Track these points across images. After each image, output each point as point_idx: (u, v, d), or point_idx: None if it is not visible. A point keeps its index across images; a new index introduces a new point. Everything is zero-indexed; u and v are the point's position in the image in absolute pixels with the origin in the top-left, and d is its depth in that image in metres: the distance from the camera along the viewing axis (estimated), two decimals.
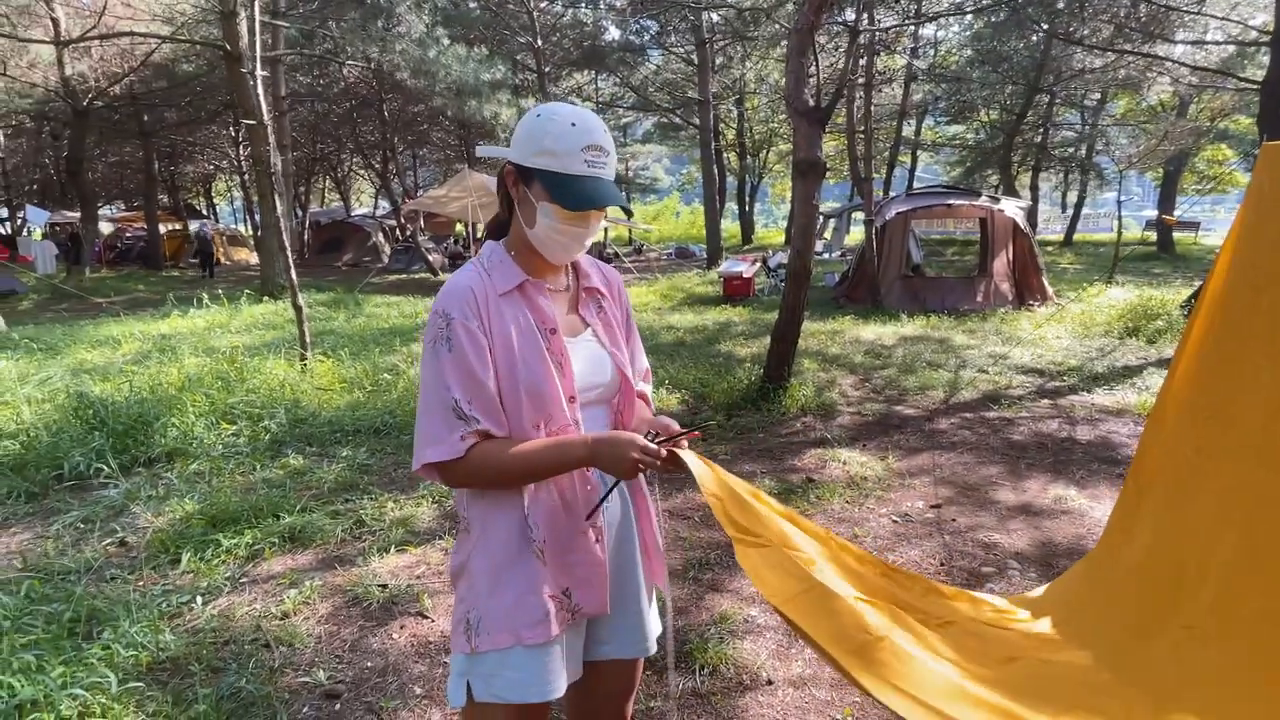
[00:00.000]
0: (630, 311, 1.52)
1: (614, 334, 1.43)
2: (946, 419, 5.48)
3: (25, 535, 3.57)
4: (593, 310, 1.42)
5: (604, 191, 1.26)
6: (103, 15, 18.67)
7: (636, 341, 1.52)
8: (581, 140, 1.23)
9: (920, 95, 22.58)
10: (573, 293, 1.42)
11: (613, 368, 1.39)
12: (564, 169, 1.24)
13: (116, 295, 14.65)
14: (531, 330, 1.30)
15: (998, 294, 10.56)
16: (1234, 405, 1.47)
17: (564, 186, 1.24)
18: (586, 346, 1.39)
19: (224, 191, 39.78)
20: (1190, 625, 1.37)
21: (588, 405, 1.38)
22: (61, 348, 7.99)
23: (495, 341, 1.27)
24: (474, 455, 1.23)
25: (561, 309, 1.38)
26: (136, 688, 2.24)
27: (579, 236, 1.31)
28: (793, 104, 5.57)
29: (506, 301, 1.30)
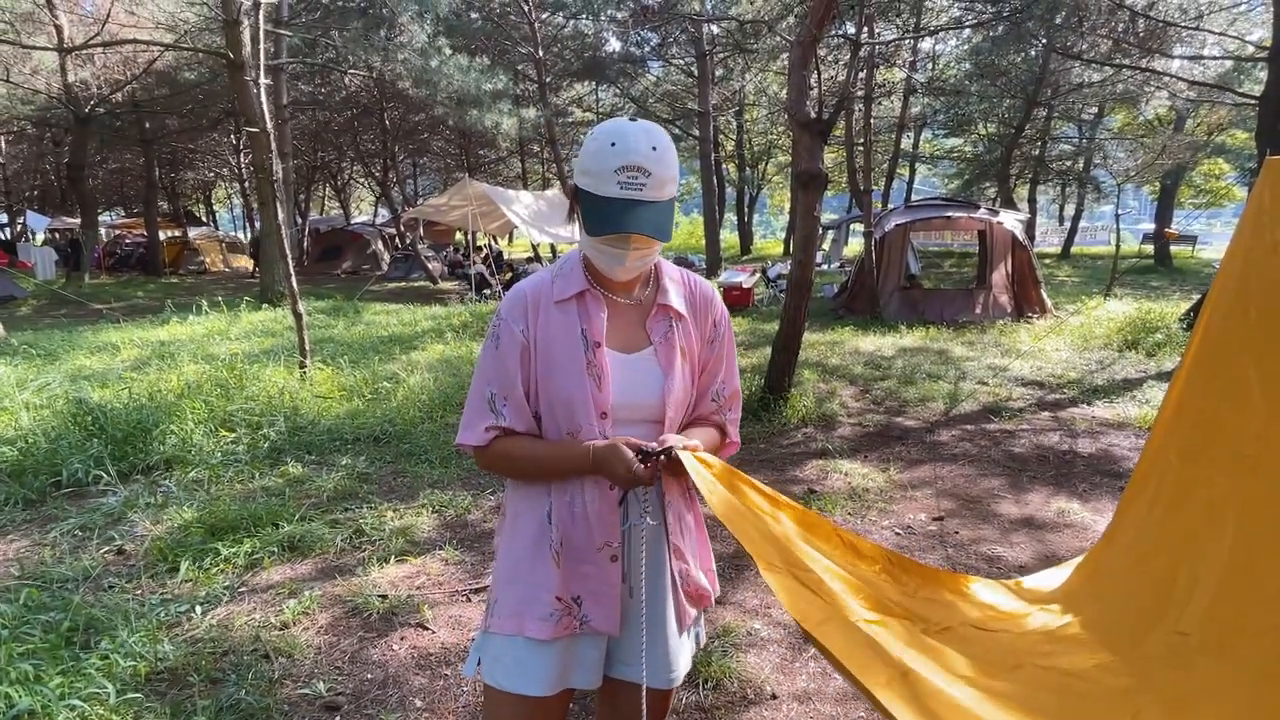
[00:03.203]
0: (726, 337, 1.46)
1: (675, 356, 1.37)
2: (947, 431, 5.47)
3: (23, 543, 3.54)
4: (661, 329, 1.37)
5: (629, 217, 1.21)
6: (106, 23, 18.74)
7: (726, 368, 1.47)
8: (616, 161, 1.20)
9: (919, 108, 22.69)
10: (644, 308, 1.38)
11: (660, 391, 1.35)
12: (597, 189, 1.22)
13: (116, 301, 14.62)
14: (575, 340, 1.31)
15: (996, 306, 10.58)
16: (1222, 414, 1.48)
17: (594, 208, 1.23)
18: (640, 364, 1.35)
19: (224, 199, 39.82)
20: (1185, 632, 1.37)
21: (631, 423, 1.35)
22: (60, 354, 7.96)
23: (537, 347, 1.32)
24: (495, 447, 1.33)
25: (626, 322, 1.36)
26: (135, 698, 2.21)
27: (618, 258, 1.27)
28: (794, 116, 5.60)
29: (562, 309, 1.32)
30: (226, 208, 42.50)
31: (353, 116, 23.15)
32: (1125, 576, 1.58)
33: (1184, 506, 1.52)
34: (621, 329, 1.36)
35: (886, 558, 1.50)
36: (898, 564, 1.50)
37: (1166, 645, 1.37)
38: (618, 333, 1.36)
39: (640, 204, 1.21)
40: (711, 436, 1.45)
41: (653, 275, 1.41)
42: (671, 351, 1.37)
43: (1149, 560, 1.54)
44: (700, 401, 1.45)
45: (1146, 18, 11.25)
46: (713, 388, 1.45)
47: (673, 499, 1.42)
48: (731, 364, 1.49)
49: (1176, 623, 1.38)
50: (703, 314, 1.43)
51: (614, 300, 1.36)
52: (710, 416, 1.47)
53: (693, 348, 1.40)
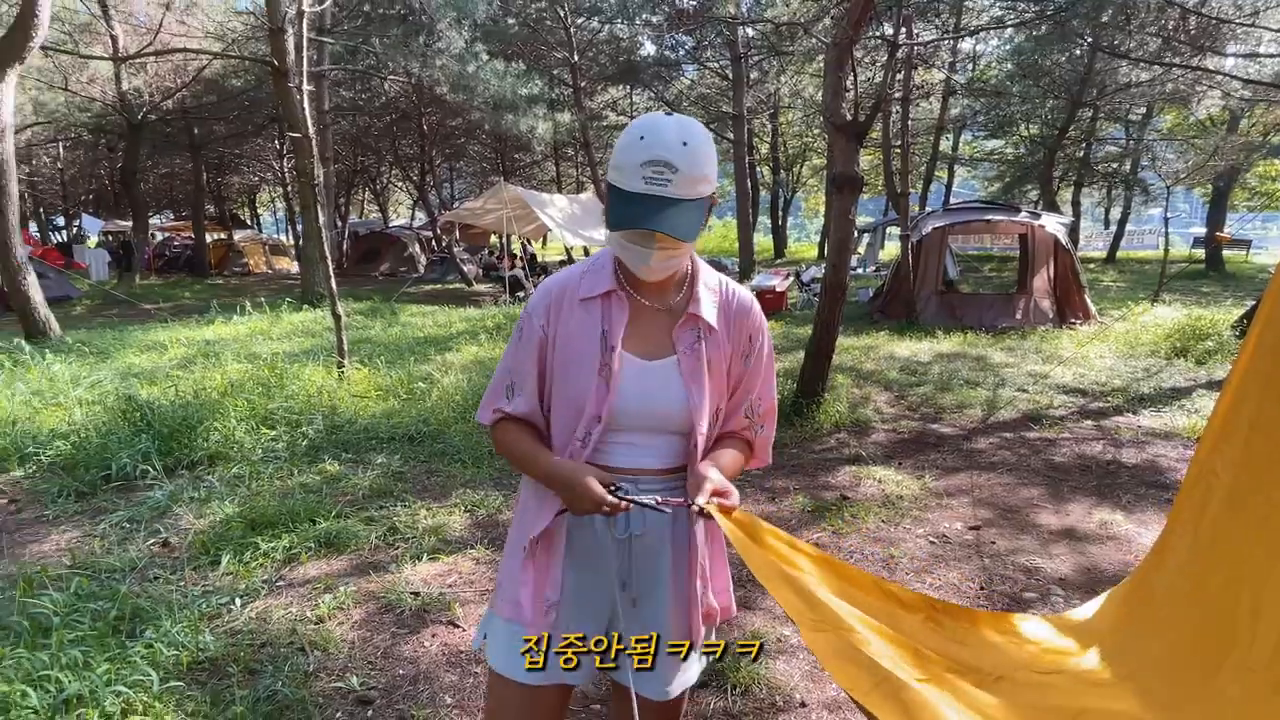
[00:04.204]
0: (764, 352, 1.41)
1: (701, 369, 1.32)
2: (985, 438, 5.37)
3: (74, 533, 3.67)
4: (688, 339, 1.33)
5: (650, 213, 1.17)
6: (158, 33, 19.39)
7: (763, 384, 1.42)
8: (643, 155, 1.17)
9: (958, 109, 22.30)
10: (674, 315, 1.34)
11: (684, 403, 1.31)
12: (623, 184, 1.19)
13: (164, 302, 15.09)
14: (595, 340, 1.29)
15: (1038, 311, 10.34)
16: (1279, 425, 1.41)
17: (618, 202, 1.20)
18: (661, 372, 1.31)
19: (267, 202, 40.86)
20: (1253, 669, 1.29)
21: (651, 433, 1.33)
22: (112, 352, 8.24)
23: (557, 343, 1.32)
24: (498, 429, 1.39)
25: (653, 327, 1.33)
26: (177, 687, 2.28)
27: (643, 257, 1.23)
28: (830, 118, 5.55)
29: (585, 307, 1.31)
30: (270, 211, 43.59)
31: (392, 121, 23.57)
32: (1181, 605, 1.50)
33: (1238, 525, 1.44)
34: (645, 334, 1.33)
35: (929, 605, 1.47)
36: (941, 610, 1.47)
37: (1237, 684, 1.29)
38: (641, 337, 1.32)
39: (665, 200, 1.17)
40: (735, 458, 1.41)
41: (688, 281, 1.36)
42: (697, 364, 1.32)
43: (1205, 585, 1.45)
44: (732, 416, 1.42)
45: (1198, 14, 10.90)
46: (746, 403, 1.41)
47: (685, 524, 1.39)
48: (769, 380, 1.44)
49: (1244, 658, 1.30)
50: (738, 327, 1.37)
51: (641, 303, 1.33)
52: (740, 432, 1.43)
53: (722, 362, 1.35)
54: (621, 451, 1.34)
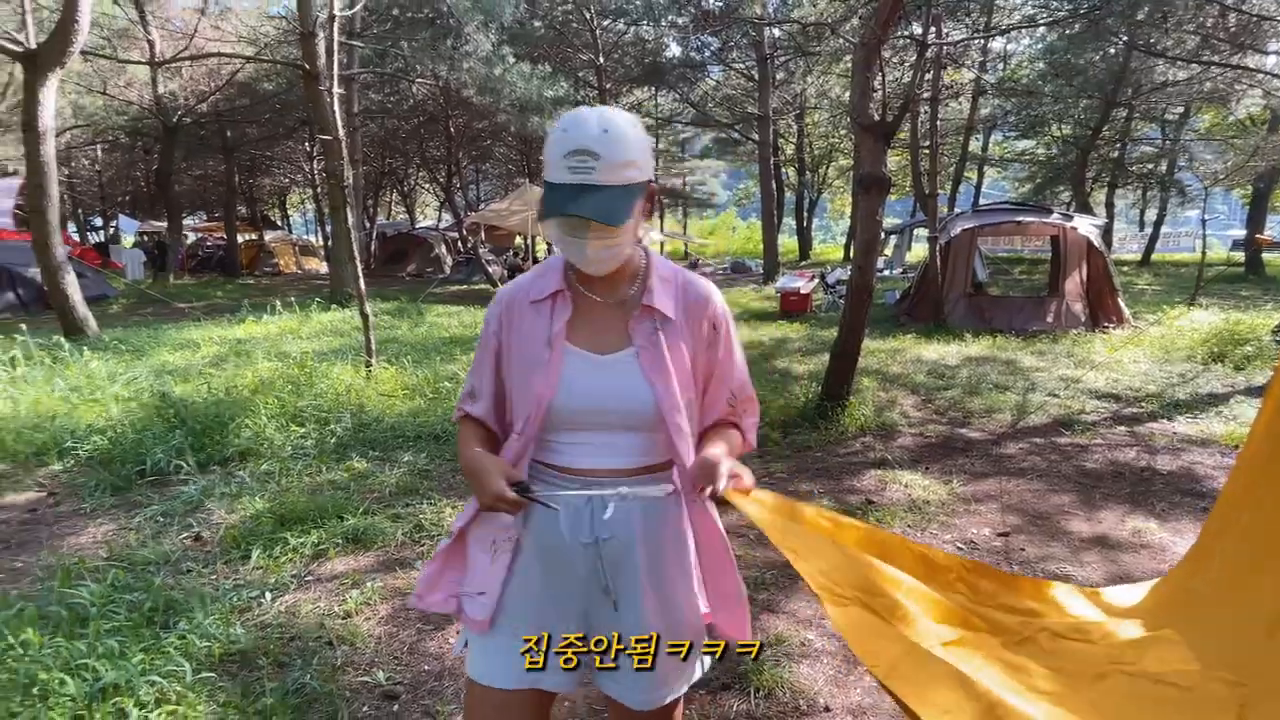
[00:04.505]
0: (727, 337, 1.38)
1: (662, 361, 1.29)
2: (1014, 443, 5.28)
3: (110, 526, 3.76)
4: (645, 331, 1.30)
5: (572, 199, 1.16)
6: (193, 38, 19.82)
7: (729, 370, 1.38)
8: (565, 146, 1.17)
9: (989, 109, 22.03)
10: (628, 308, 1.32)
11: (650, 396, 1.28)
12: (552, 177, 1.19)
13: (197, 301, 15.40)
14: (542, 341, 1.30)
15: (1069, 315, 10.16)
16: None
17: (546, 195, 1.20)
18: (618, 366, 1.29)
19: (297, 203, 41.53)
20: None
21: (615, 430, 1.31)
22: (147, 349, 8.42)
23: (510, 349, 1.34)
24: (460, 427, 1.42)
25: (605, 322, 1.32)
26: (209, 678, 2.33)
27: (578, 247, 1.22)
28: (857, 119, 5.51)
29: (536, 309, 1.32)
30: (300, 212, 44.28)
31: (419, 124, 23.85)
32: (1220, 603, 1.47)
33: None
34: (597, 329, 1.31)
35: (962, 565, 1.44)
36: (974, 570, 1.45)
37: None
38: (593, 333, 1.31)
39: (588, 188, 1.16)
40: (736, 441, 1.39)
41: (641, 274, 1.34)
42: (658, 355, 1.29)
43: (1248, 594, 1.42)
44: (714, 407, 1.39)
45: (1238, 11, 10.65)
46: (725, 391, 1.38)
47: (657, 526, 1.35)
48: (742, 366, 1.40)
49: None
50: (696, 316, 1.34)
51: (592, 299, 1.32)
52: (727, 419, 1.40)
53: (684, 353, 1.32)
54: (579, 451, 1.32)
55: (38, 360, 6.92)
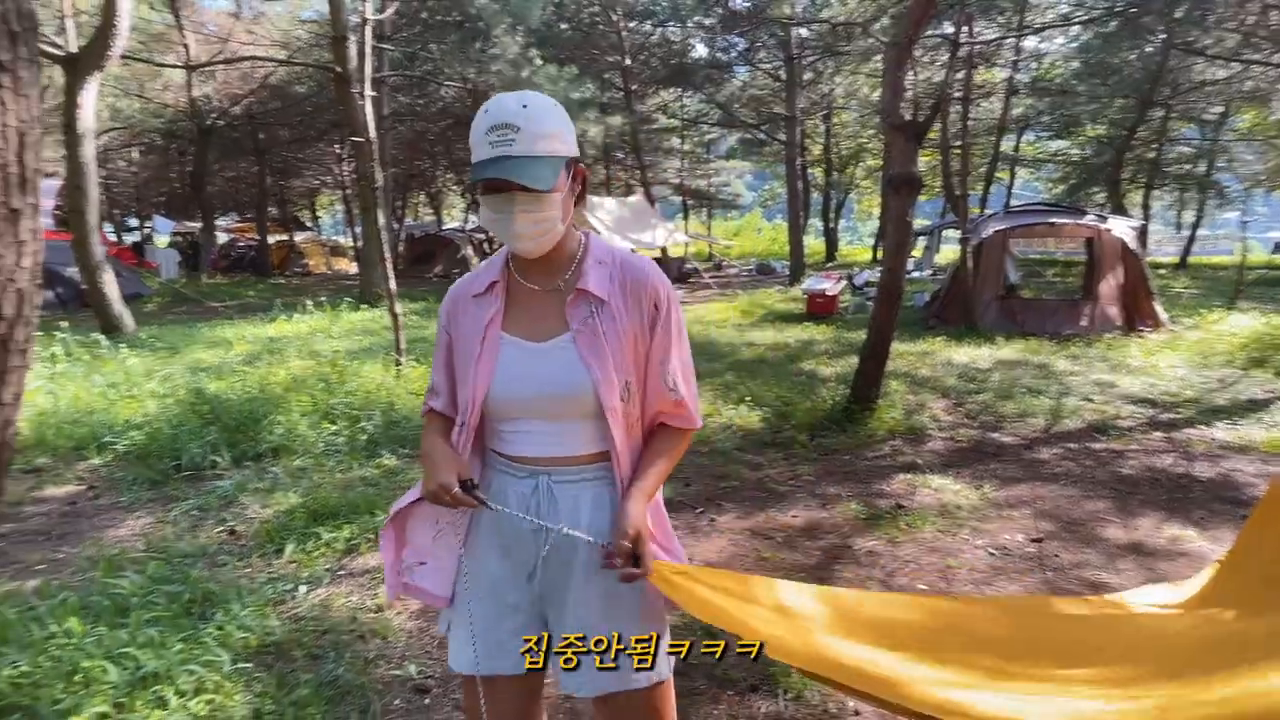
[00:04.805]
0: (670, 317, 1.34)
1: (599, 344, 1.28)
2: (1047, 448, 5.19)
3: (148, 519, 3.85)
4: (580, 315, 1.29)
5: (491, 166, 1.19)
6: (227, 41, 20.22)
7: (669, 356, 1.35)
8: (487, 123, 1.20)
9: (1021, 109, 21.66)
10: (563, 294, 1.32)
11: (587, 380, 1.27)
12: (476, 156, 1.22)
13: (230, 300, 15.69)
14: (477, 330, 1.33)
15: (1104, 318, 9.96)
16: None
17: (473, 171, 1.22)
18: (554, 353, 1.29)
19: (327, 205, 42.12)
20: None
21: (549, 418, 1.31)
22: (181, 347, 8.61)
23: (456, 344, 1.38)
24: (426, 420, 1.44)
25: (541, 309, 1.32)
26: (246, 668, 2.37)
27: (506, 221, 1.23)
28: (888, 119, 5.45)
29: (478, 301, 1.35)
30: (330, 213, 44.91)
31: (447, 126, 24.05)
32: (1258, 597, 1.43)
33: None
34: (534, 316, 1.32)
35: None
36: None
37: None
38: (529, 321, 1.32)
39: (510, 158, 1.19)
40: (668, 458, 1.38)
41: (577, 259, 1.34)
42: (594, 339, 1.28)
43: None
44: (655, 393, 1.36)
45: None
46: (665, 374, 1.35)
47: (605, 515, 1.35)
48: (679, 342, 1.37)
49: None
50: (635, 295, 1.32)
51: (529, 288, 1.33)
52: (666, 412, 1.38)
53: (622, 333, 1.30)
54: (525, 440, 1.33)
55: (77, 357, 7.10)
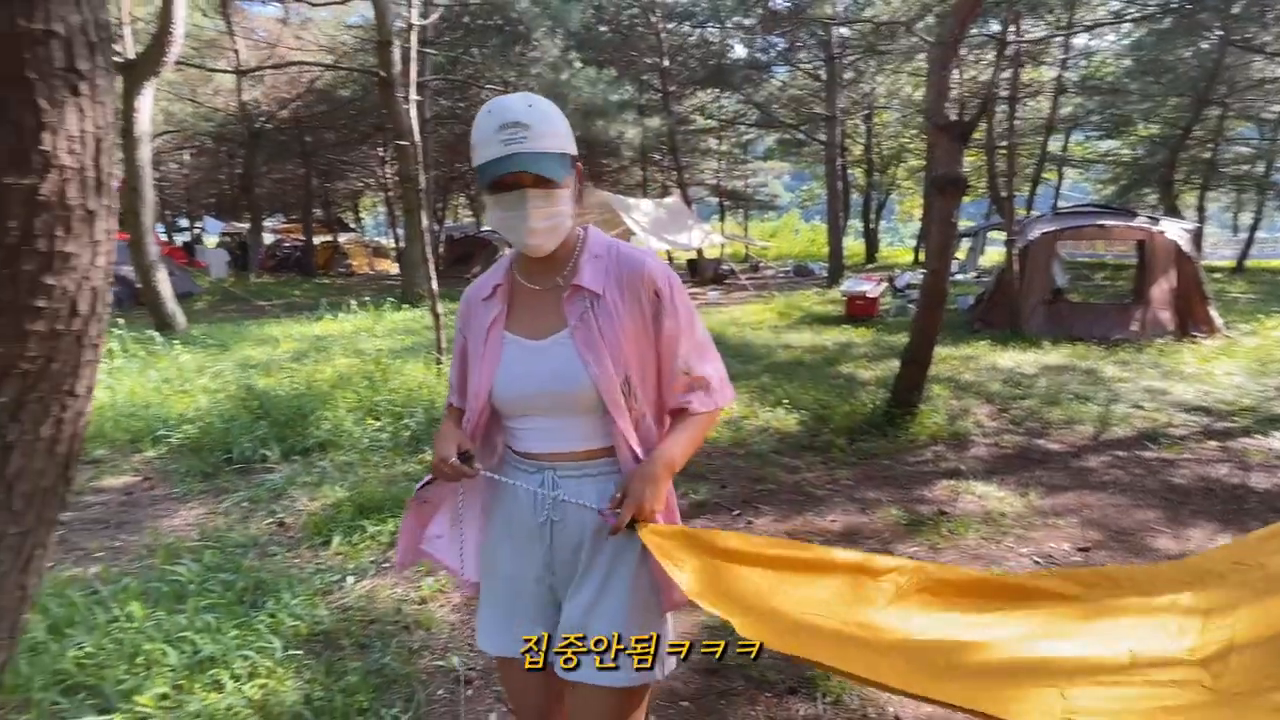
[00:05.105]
0: (676, 303, 1.34)
1: (595, 339, 1.28)
2: (1095, 456, 5.06)
3: (201, 510, 3.98)
4: (577, 310, 1.30)
5: (507, 162, 1.21)
6: (276, 47, 20.77)
7: (680, 344, 1.34)
8: (495, 122, 1.21)
9: (1070, 108, 21.12)
10: (560, 290, 1.33)
11: (585, 375, 1.27)
12: (484, 156, 1.23)
13: (276, 299, 16.11)
14: (482, 332, 1.38)
15: (1156, 323, 9.66)
16: None
17: (483, 170, 1.24)
18: (553, 350, 1.31)
19: (370, 206, 42.98)
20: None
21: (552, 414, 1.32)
22: (231, 344, 8.87)
23: (469, 342, 1.43)
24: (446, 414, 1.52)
25: (541, 307, 1.34)
26: (296, 655, 2.44)
27: (520, 219, 1.24)
28: (933, 119, 5.38)
29: (485, 304, 1.40)
30: (372, 215, 45.79)
31: None
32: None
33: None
34: (533, 315, 1.34)
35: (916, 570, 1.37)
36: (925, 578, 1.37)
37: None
38: (530, 319, 1.35)
39: (524, 154, 1.21)
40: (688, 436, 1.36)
41: (575, 255, 1.35)
42: (590, 333, 1.28)
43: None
44: (668, 376, 1.35)
45: None
46: (677, 361, 1.34)
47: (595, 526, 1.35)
48: (690, 326, 1.36)
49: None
50: (631, 288, 1.31)
51: (530, 288, 1.36)
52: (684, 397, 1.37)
53: (621, 326, 1.29)
54: (530, 436, 1.36)
55: (133, 353, 7.37)
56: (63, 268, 1.26)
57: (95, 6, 1.28)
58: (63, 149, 1.22)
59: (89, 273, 1.33)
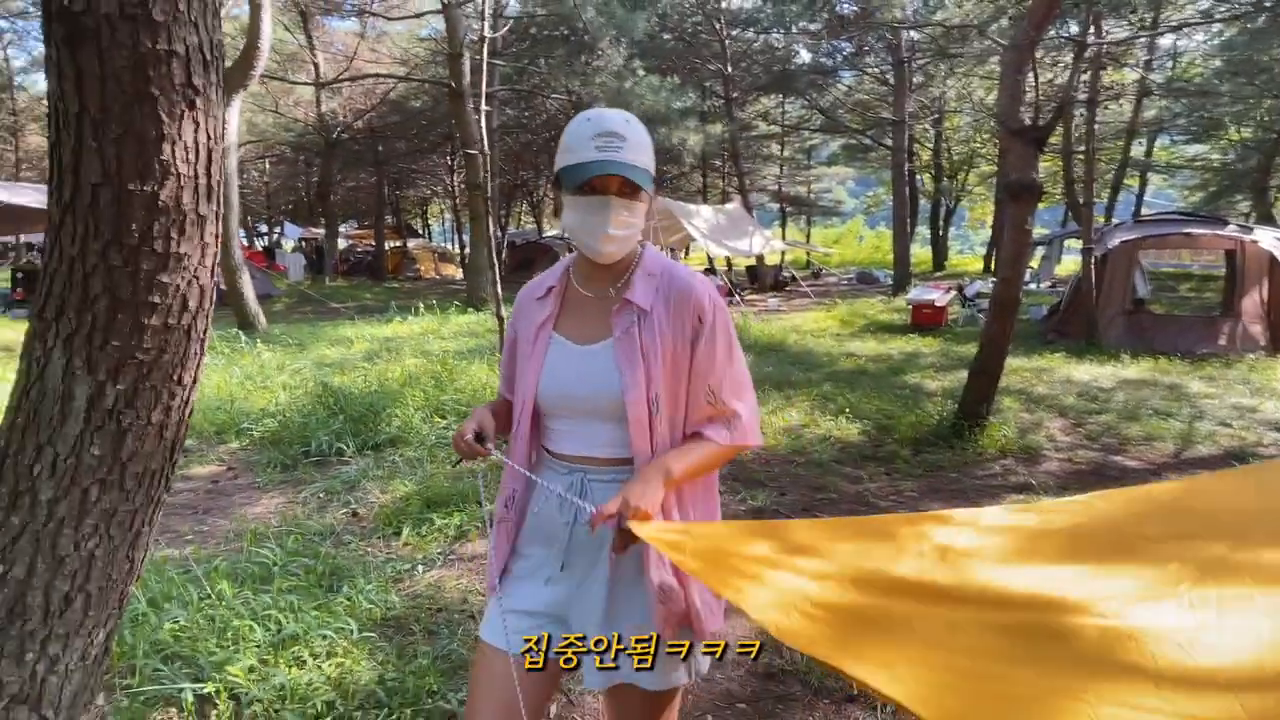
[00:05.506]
0: (716, 330, 1.36)
1: (635, 352, 1.32)
2: (1177, 474, 4.82)
3: (280, 499, 4.19)
4: (624, 323, 1.35)
5: (603, 166, 1.27)
6: (353, 60, 21.64)
7: (712, 372, 1.35)
8: (593, 129, 1.29)
9: (1154, 111, 20.16)
10: (612, 301, 1.39)
11: (617, 385, 1.32)
12: (577, 159, 1.29)
13: (350, 302, 16.74)
14: (532, 330, 1.43)
15: (1246, 337, 9.14)
16: None
17: (574, 173, 1.30)
18: (597, 356, 1.36)
19: (437, 214, 44.26)
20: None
21: (588, 418, 1.36)
22: (308, 344, 9.27)
23: (519, 338, 1.48)
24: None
25: (591, 314, 1.40)
26: (370, 637, 2.56)
27: (601, 224, 1.29)
28: (1007, 123, 5.24)
29: (540, 304, 1.45)
30: (439, 222, 47.12)
31: (550, 138, 24.80)
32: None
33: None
34: (585, 320, 1.40)
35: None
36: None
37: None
38: (580, 323, 1.40)
39: (619, 161, 1.27)
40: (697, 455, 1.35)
41: (631, 270, 1.40)
42: (631, 347, 1.33)
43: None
44: (695, 405, 1.36)
45: None
46: (705, 386, 1.36)
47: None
48: (727, 358, 1.37)
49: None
50: (678, 310, 1.35)
51: (584, 294, 1.42)
52: (705, 423, 1.37)
53: (662, 345, 1.33)
54: (563, 437, 1.41)
55: (219, 350, 7.79)
56: (176, 267, 1.38)
57: (211, 28, 1.39)
58: (180, 158, 1.34)
59: (198, 272, 1.44)
